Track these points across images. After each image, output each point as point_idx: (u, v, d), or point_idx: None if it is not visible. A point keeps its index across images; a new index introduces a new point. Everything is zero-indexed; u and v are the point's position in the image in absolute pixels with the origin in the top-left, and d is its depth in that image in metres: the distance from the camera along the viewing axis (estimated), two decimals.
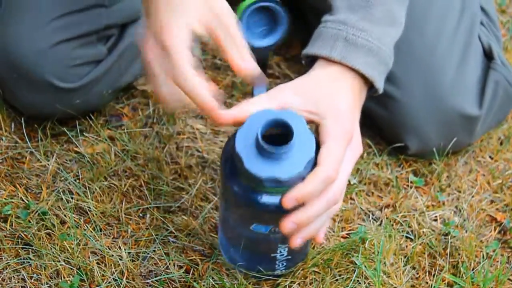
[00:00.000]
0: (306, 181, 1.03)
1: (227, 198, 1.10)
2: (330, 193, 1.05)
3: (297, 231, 1.06)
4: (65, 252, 1.20)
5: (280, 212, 1.04)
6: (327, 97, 1.07)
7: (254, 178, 1.01)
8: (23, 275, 1.18)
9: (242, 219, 1.10)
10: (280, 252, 1.13)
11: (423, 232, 1.27)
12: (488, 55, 1.36)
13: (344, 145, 1.06)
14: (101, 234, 1.23)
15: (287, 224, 1.04)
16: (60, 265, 1.18)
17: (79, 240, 1.21)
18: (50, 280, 1.18)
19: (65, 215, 1.24)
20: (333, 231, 1.26)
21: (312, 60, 1.12)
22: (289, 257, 1.15)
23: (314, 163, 1.04)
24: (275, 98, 1.07)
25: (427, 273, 1.23)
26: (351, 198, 1.31)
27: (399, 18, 1.13)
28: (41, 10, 1.25)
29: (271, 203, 1.04)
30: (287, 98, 1.07)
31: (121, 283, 1.18)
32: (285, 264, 1.16)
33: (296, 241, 1.06)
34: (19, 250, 1.21)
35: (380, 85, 1.13)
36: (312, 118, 1.06)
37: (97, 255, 1.21)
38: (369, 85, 1.13)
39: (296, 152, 1.02)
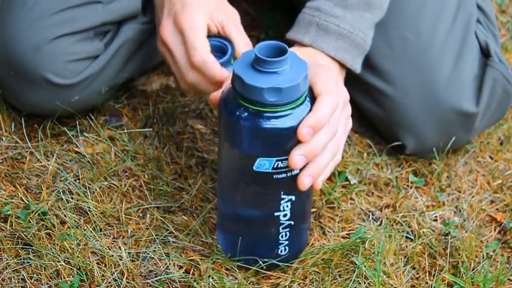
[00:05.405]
0: (315, 108, 1.07)
1: (230, 136, 1.11)
2: (333, 125, 1.09)
3: (305, 168, 1.08)
4: (65, 252, 1.20)
5: (283, 134, 1.07)
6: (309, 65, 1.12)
7: (255, 90, 1.04)
8: (23, 275, 1.18)
9: (245, 158, 1.09)
10: (282, 220, 1.13)
11: (423, 232, 1.27)
12: (485, 53, 1.36)
13: (336, 96, 1.10)
14: (101, 234, 1.23)
15: (295, 157, 1.06)
16: (60, 265, 1.18)
17: (79, 240, 1.21)
18: (50, 280, 1.18)
19: (65, 215, 1.24)
20: (333, 231, 1.26)
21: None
22: (290, 241, 1.15)
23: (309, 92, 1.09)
24: None
25: (427, 273, 1.23)
26: (351, 198, 1.31)
27: (376, 2, 1.22)
28: (38, 6, 1.25)
29: (274, 125, 1.06)
30: None
31: (121, 283, 1.18)
32: (287, 249, 1.16)
33: (304, 180, 1.08)
34: (19, 250, 1.21)
35: (355, 66, 1.22)
36: None
37: (97, 255, 1.21)
38: (346, 67, 1.22)
39: (292, 69, 1.06)
